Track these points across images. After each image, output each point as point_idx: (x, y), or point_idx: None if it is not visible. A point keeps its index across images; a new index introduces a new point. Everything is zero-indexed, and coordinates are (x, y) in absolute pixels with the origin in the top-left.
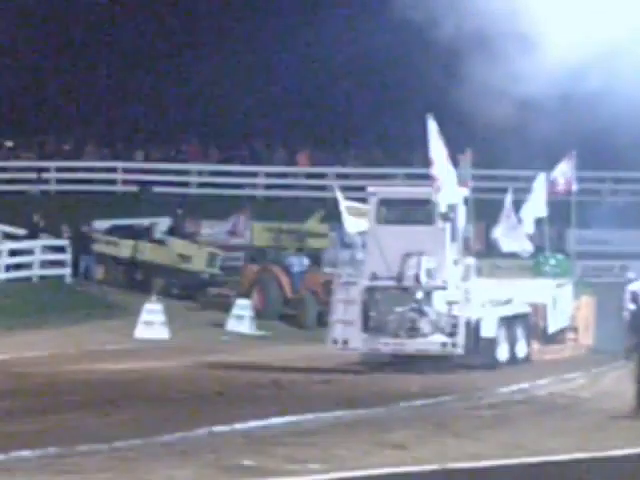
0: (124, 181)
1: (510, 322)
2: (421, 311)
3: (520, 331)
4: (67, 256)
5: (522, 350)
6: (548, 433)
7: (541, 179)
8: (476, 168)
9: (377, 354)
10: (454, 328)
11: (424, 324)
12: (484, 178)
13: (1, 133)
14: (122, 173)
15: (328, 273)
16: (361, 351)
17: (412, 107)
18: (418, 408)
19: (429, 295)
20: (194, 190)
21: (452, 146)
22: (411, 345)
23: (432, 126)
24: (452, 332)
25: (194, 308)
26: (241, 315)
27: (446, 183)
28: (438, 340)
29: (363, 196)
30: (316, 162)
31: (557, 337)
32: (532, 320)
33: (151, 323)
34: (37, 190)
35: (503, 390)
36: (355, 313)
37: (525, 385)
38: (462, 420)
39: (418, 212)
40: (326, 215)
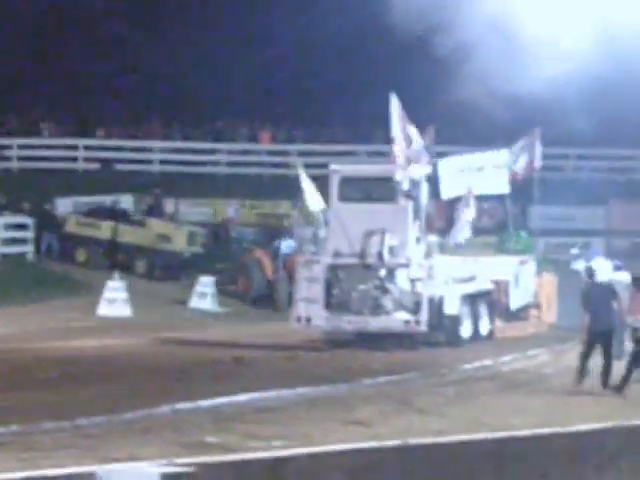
0: (85, 159)
1: (473, 299)
2: (384, 289)
3: (483, 308)
4: (29, 234)
5: (485, 327)
6: (511, 410)
7: (503, 155)
8: (438, 145)
9: (340, 332)
10: (417, 305)
11: (387, 301)
12: (446, 155)
13: None
14: (83, 151)
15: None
16: (324, 329)
17: (375, 84)
18: (381, 385)
19: (392, 273)
20: (156, 167)
21: (416, 124)
22: (374, 323)
23: (395, 104)
24: (415, 309)
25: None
26: (204, 292)
27: (408, 160)
28: (401, 317)
29: (325, 173)
30: (278, 140)
31: (520, 314)
32: (495, 297)
33: (114, 300)
34: None
35: (466, 367)
36: (318, 291)
37: (488, 362)
38: (425, 397)
39: (380, 189)
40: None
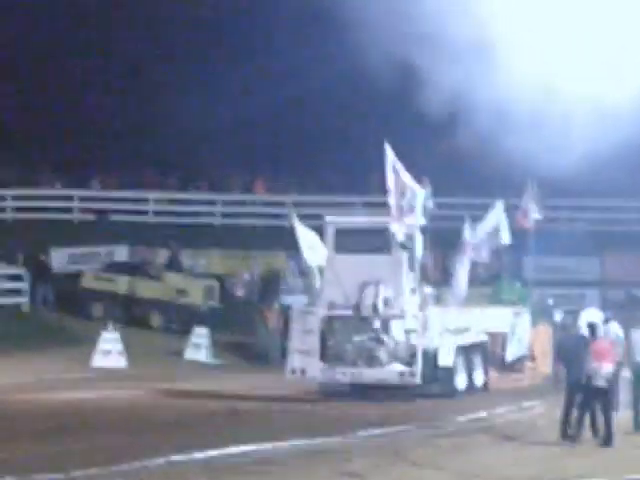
0: (81, 209)
1: (468, 351)
2: (379, 340)
3: (478, 360)
4: (24, 284)
5: (480, 378)
6: (506, 462)
7: (499, 206)
8: (433, 196)
9: (335, 383)
10: (412, 357)
11: (382, 353)
12: (442, 206)
13: None
14: (79, 201)
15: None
16: (319, 380)
17: (369, 135)
18: (376, 437)
19: (387, 324)
20: (151, 218)
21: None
22: (369, 374)
23: (389, 154)
24: (410, 361)
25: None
26: (199, 343)
27: (402, 212)
28: (396, 369)
29: (320, 224)
30: (273, 190)
31: (515, 365)
32: (490, 348)
33: (108, 352)
34: None
35: (461, 419)
36: (313, 342)
37: (483, 414)
38: (420, 449)
39: (375, 241)
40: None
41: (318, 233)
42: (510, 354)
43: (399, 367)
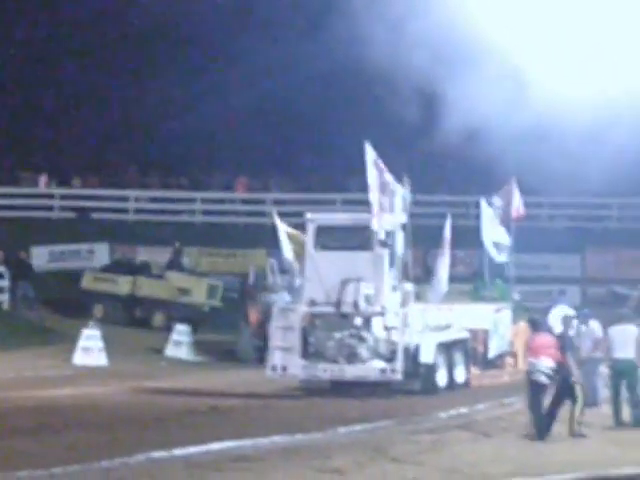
0: (61, 207)
1: (449, 347)
2: (360, 337)
3: (459, 356)
4: (4, 282)
5: (461, 375)
6: (487, 458)
7: (484, 206)
8: (414, 193)
9: (316, 380)
10: (393, 354)
11: (363, 350)
12: (422, 204)
13: None
14: (59, 200)
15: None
16: (300, 377)
17: (350, 132)
18: (357, 433)
19: (368, 321)
20: (132, 216)
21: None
22: (350, 371)
23: (369, 152)
24: (391, 358)
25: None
26: (179, 341)
27: (383, 209)
28: (377, 366)
29: (301, 222)
30: (253, 188)
31: (496, 362)
32: (471, 345)
33: (89, 349)
34: None
35: (442, 415)
36: (294, 339)
37: (464, 410)
38: (401, 445)
39: (356, 238)
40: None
41: (299, 231)
42: (492, 351)
43: (380, 364)
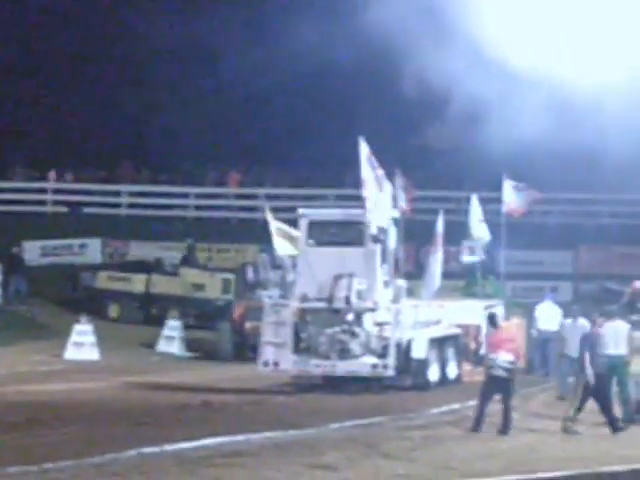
0: (54, 202)
1: (441, 343)
2: (352, 332)
3: (451, 352)
4: None
5: (453, 371)
6: (478, 454)
7: (474, 200)
8: (406, 189)
9: (308, 375)
10: (385, 349)
11: (355, 345)
12: (414, 199)
13: None
14: (52, 194)
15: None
16: (292, 373)
17: (343, 128)
18: (349, 429)
19: (360, 317)
20: (125, 211)
21: (383, 168)
22: (342, 367)
23: (363, 148)
24: (383, 353)
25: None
26: (171, 336)
27: (377, 205)
28: (369, 362)
29: (294, 217)
30: (246, 183)
31: None
32: (463, 341)
33: (81, 344)
34: None
35: (434, 411)
36: (286, 335)
37: (456, 406)
38: (393, 441)
39: (349, 233)
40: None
41: (291, 226)
42: (484, 347)
43: (372, 359)
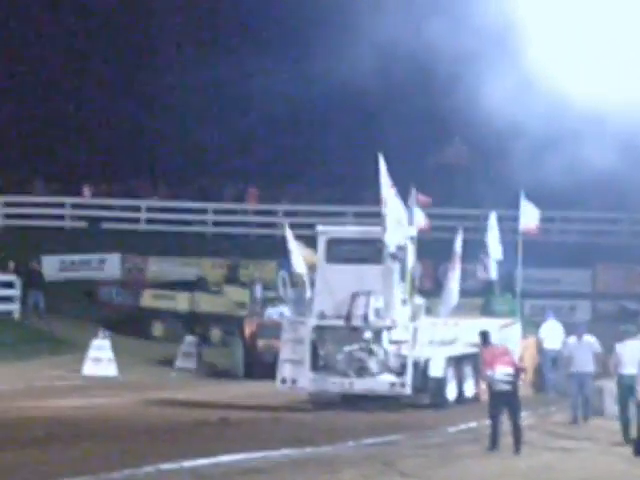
0: (72, 217)
1: (458, 362)
2: (370, 350)
3: (468, 370)
4: (15, 291)
5: (470, 389)
6: (495, 473)
7: (493, 218)
8: (424, 207)
9: (325, 393)
10: (402, 368)
11: (372, 363)
12: (432, 217)
13: None
14: (70, 209)
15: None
16: (309, 390)
17: (364, 146)
18: (365, 447)
19: (378, 335)
20: (143, 226)
21: (400, 185)
22: (359, 385)
23: (382, 164)
24: (400, 372)
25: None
26: (189, 352)
27: (395, 223)
28: (386, 380)
29: (312, 234)
30: (264, 199)
31: None
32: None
33: (99, 359)
34: None
35: (451, 429)
36: (304, 352)
37: (473, 424)
38: (410, 459)
39: (367, 251)
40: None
41: (310, 243)
42: None
43: (389, 377)
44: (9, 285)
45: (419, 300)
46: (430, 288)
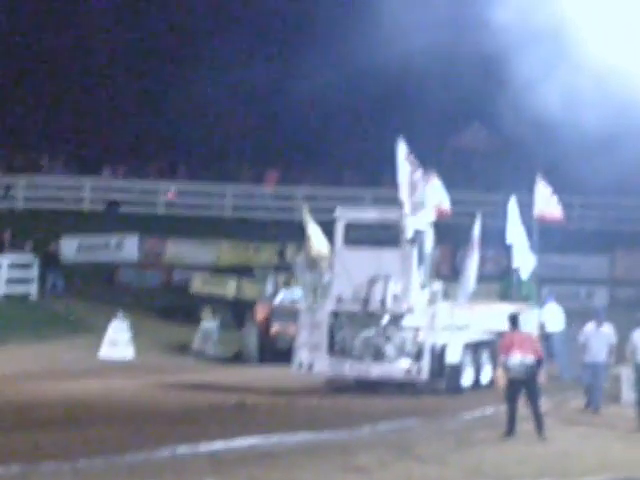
0: (91, 199)
1: (475, 348)
2: (387, 336)
3: (485, 357)
4: (33, 273)
5: (487, 376)
6: (511, 459)
7: (513, 203)
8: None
9: (342, 378)
10: (419, 353)
11: (389, 349)
12: (452, 202)
13: None
14: (89, 191)
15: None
16: (326, 375)
17: (381, 128)
18: (381, 432)
19: (395, 320)
20: (161, 209)
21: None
22: (376, 370)
23: (401, 149)
24: (417, 357)
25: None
26: (207, 336)
27: (414, 207)
28: (403, 365)
29: (330, 218)
30: (284, 183)
31: None
32: (497, 346)
33: (116, 341)
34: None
35: (467, 415)
36: (321, 337)
37: (490, 410)
38: (425, 444)
39: (385, 235)
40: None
41: (328, 227)
42: None
43: (406, 363)
44: (27, 266)
45: (437, 285)
46: (448, 274)
